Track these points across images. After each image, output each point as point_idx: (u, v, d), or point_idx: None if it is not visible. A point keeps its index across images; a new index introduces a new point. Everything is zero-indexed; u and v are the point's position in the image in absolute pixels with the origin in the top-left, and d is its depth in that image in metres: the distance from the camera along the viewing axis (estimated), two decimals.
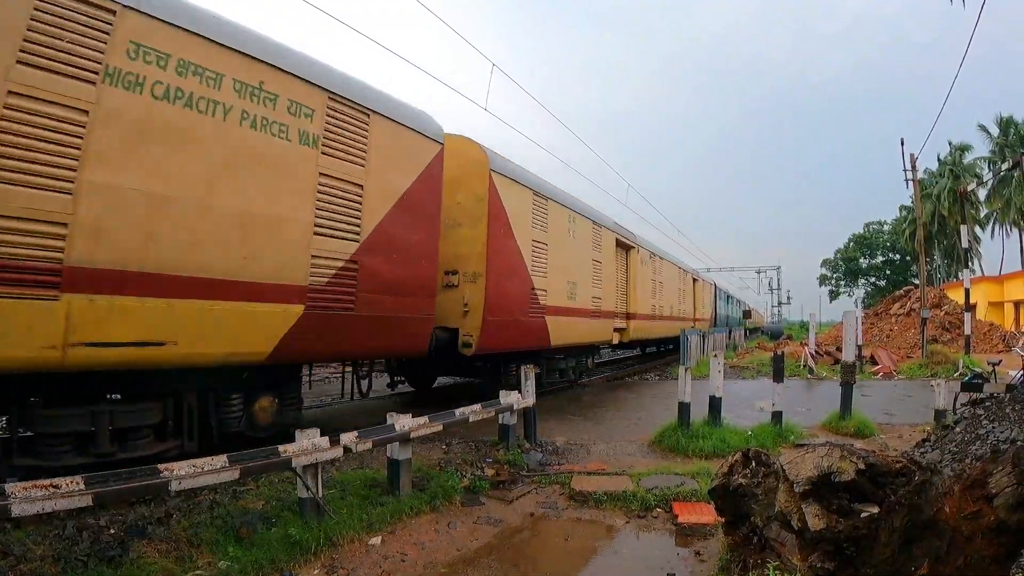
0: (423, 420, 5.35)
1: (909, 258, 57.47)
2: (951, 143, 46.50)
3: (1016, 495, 2.58)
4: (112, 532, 4.03)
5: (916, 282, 35.83)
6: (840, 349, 14.28)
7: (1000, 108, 60.45)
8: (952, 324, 23.26)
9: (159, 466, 3.55)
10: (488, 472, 6.05)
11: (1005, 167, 32.44)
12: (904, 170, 19.86)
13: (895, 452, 4.14)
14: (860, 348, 18.21)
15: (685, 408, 7.59)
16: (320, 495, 4.45)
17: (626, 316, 14.94)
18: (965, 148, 45.79)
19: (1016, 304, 31.89)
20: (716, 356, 8.24)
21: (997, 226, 45.51)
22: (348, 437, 4.62)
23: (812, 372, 16.15)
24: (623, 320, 14.71)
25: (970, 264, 26.29)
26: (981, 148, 44.78)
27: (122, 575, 3.50)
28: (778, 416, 7.82)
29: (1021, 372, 8.93)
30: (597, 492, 5.50)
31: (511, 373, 9.41)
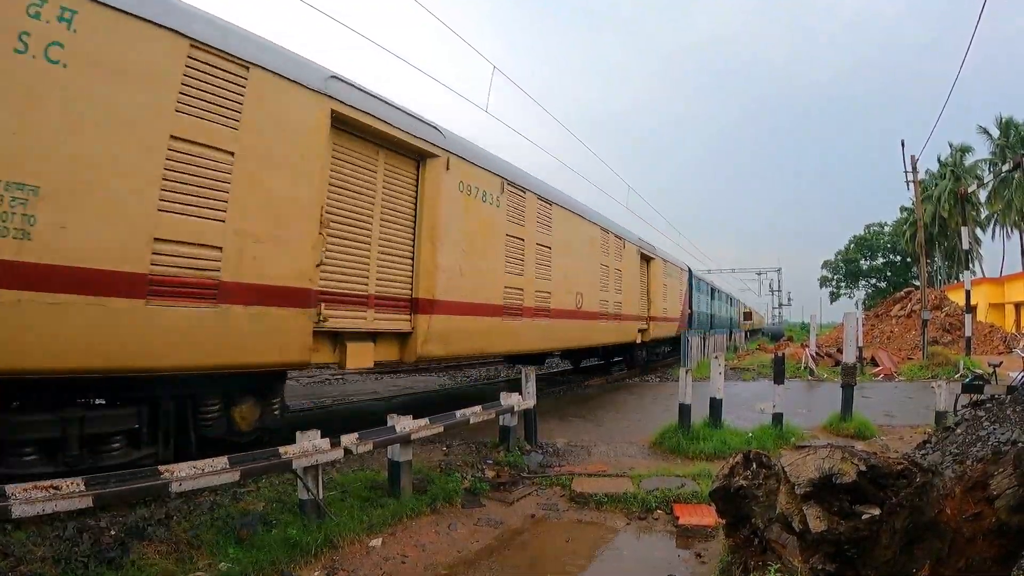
0: (423, 422, 5.34)
1: (910, 260, 57.45)
2: (951, 144, 46.56)
3: (1017, 496, 2.58)
4: (112, 533, 4.02)
5: (917, 284, 35.82)
6: (841, 351, 14.27)
7: (1001, 110, 60.45)
8: (953, 326, 23.25)
9: (160, 467, 3.55)
10: (489, 474, 6.05)
11: (1006, 168, 32.45)
12: (905, 171, 19.90)
13: (896, 454, 4.13)
14: (861, 350, 18.20)
15: (686, 410, 7.59)
16: (320, 497, 4.45)
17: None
18: (966, 149, 45.82)
19: (1017, 306, 31.89)
20: (716, 358, 8.24)
21: (998, 228, 45.52)
22: (349, 439, 4.62)
23: (813, 374, 16.14)
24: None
25: (971, 266, 26.29)
26: (982, 150, 44.85)
27: None
28: (779, 418, 7.82)
29: (1022, 373, 8.91)
30: (598, 494, 5.50)
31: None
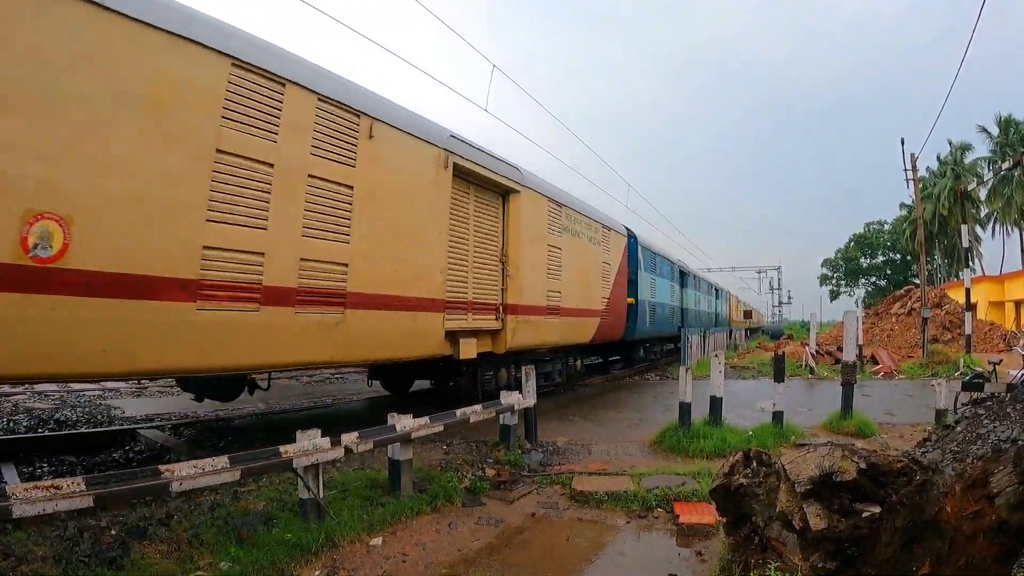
0: (424, 421, 5.35)
1: (910, 258, 57.47)
2: (951, 142, 46.57)
3: (1017, 494, 2.58)
4: (113, 533, 4.03)
5: (917, 282, 35.84)
6: (841, 349, 14.28)
7: (1000, 108, 60.38)
8: (953, 324, 23.26)
9: (160, 467, 3.55)
10: (489, 472, 6.05)
11: (1006, 167, 32.44)
12: (904, 169, 19.88)
13: (896, 452, 4.13)
14: (861, 348, 18.20)
15: (686, 408, 7.59)
16: (321, 496, 4.45)
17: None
18: (965, 147, 45.86)
19: (1017, 303, 31.87)
20: (717, 356, 8.24)
21: (998, 225, 45.57)
22: (349, 438, 4.62)
23: (813, 372, 16.14)
24: None
25: (971, 264, 26.27)
26: (981, 148, 44.87)
27: None
28: (779, 416, 7.82)
29: (1022, 371, 8.92)
30: (598, 492, 5.50)
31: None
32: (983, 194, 44.05)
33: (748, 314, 50.75)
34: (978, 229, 46.02)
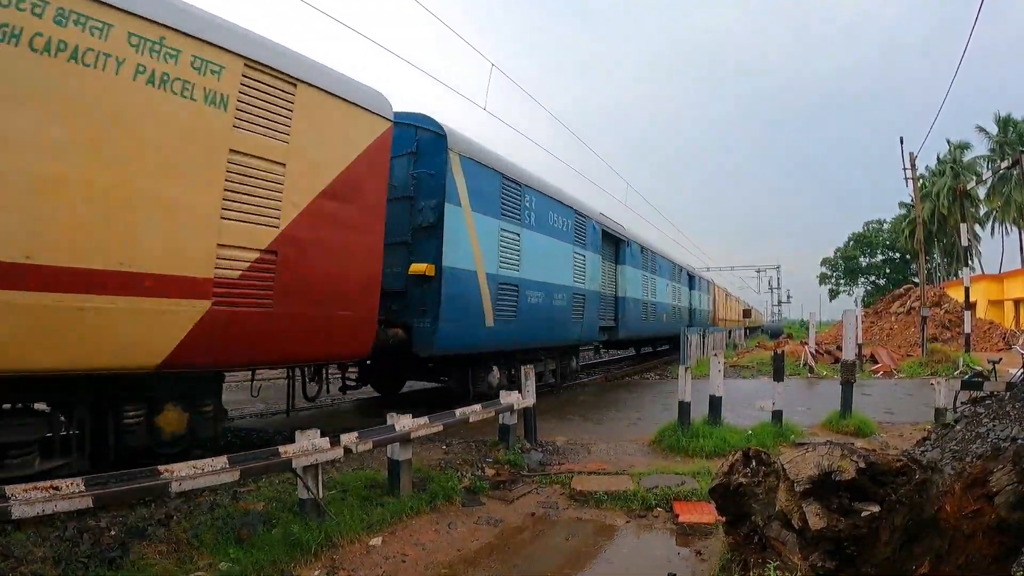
0: (423, 420, 5.34)
1: (909, 256, 57.50)
2: (949, 142, 46.60)
3: (1017, 493, 2.58)
4: (113, 534, 4.03)
5: (916, 280, 35.85)
6: (840, 348, 14.28)
7: (999, 107, 60.41)
8: (952, 322, 23.29)
9: (159, 467, 3.55)
10: (488, 472, 6.05)
11: (1005, 165, 32.44)
12: (904, 168, 19.88)
13: (895, 451, 4.13)
14: (860, 347, 18.20)
15: (685, 407, 7.59)
16: (320, 496, 4.44)
17: None
18: (964, 146, 45.92)
19: (1016, 302, 31.89)
20: (716, 355, 8.25)
21: (997, 224, 45.58)
22: (348, 438, 4.62)
23: (812, 371, 16.15)
24: None
25: (970, 262, 26.30)
26: (980, 148, 44.94)
27: None
28: (778, 415, 7.82)
29: (1021, 370, 8.92)
30: (598, 492, 5.50)
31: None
32: (982, 193, 44.09)
33: (747, 313, 50.73)
34: (977, 228, 46.09)
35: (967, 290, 19.39)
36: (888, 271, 67.14)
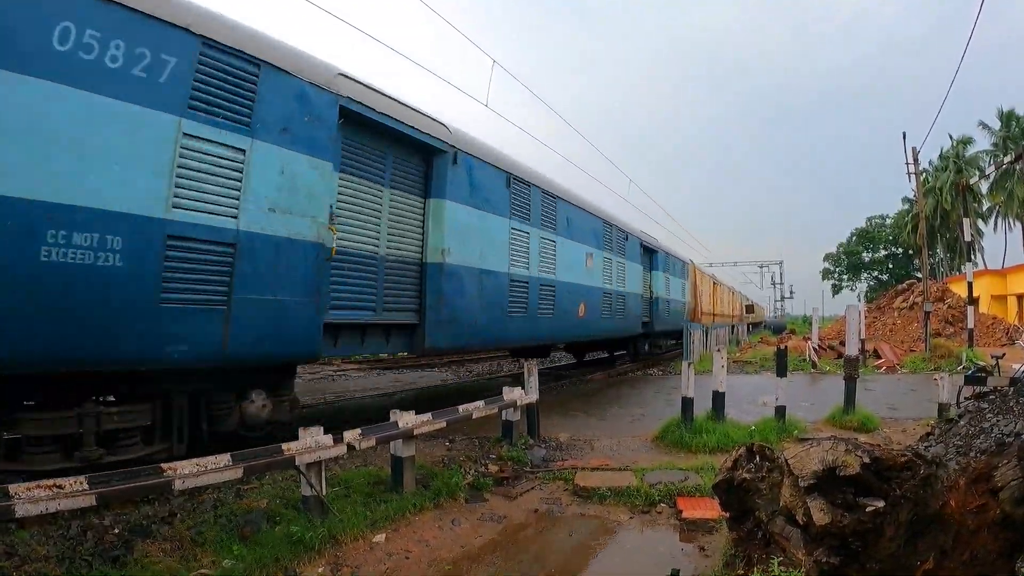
0: (426, 417, 5.35)
1: (912, 252, 57.29)
2: (952, 137, 46.42)
3: (1021, 489, 2.57)
4: (116, 532, 4.04)
5: (918, 276, 35.70)
6: (843, 343, 14.24)
7: (1002, 102, 60.07)
8: (955, 318, 23.20)
9: (162, 465, 3.55)
10: (491, 469, 6.05)
11: (1008, 160, 32.27)
12: (906, 163, 19.79)
13: (899, 446, 4.12)
14: (863, 342, 18.15)
15: (688, 403, 7.58)
16: (323, 493, 4.45)
17: None
18: (967, 141, 45.72)
19: (1019, 297, 31.81)
20: (719, 351, 8.23)
21: (1000, 219, 45.39)
22: (351, 435, 4.62)
23: (815, 367, 16.12)
24: None
25: (972, 257, 26.24)
26: (983, 142, 44.74)
27: (126, 575, 3.51)
28: (781, 411, 7.81)
29: None
30: (601, 488, 5.50)
31: None
32: (985, 188, 43.92)
33: (750, 308, 50.65)
34: (980, 223, 45.89)
35: (970, 285, 19.31)
36: (891, 266, 66.94)
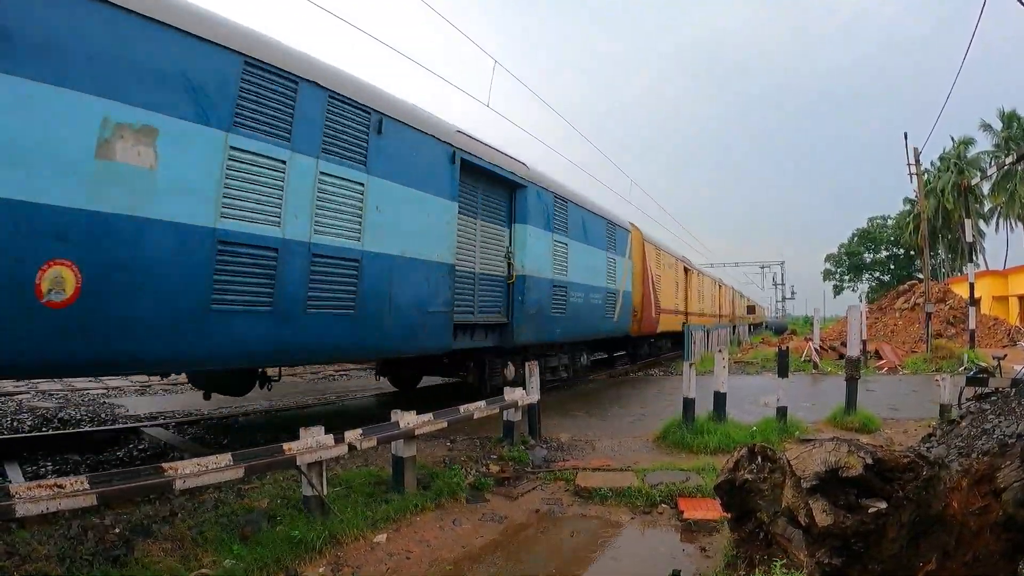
0: (427, 417, 5.34)
1: (913, 253, 57.22)
2: (953, 138, 46.36)
3: None
4: (117, 531, 4.03)
5: (920, 276, 35.63)
6: (844, 344, 14.23)
7: (1003, 103, 60.00)
8: (956, 319, 23.16)
9: (163, 465, 3.55)
10: (492, 469, 6.04)
11: (1010, 161, 32.21)
12: (908, 164, 19.76)
13: (901, 447, 4.11)
14: (864, 343, 18.11)
15: (689, 404, 7.57)
16: (324, 493, 4.44)
17: None
18: (968, 142, 45.64)
19: (1021, 298, 31.72)
20: (720, 352, 8.22)
21: (1001, 220, 45.32)
22: (352, 435, 4.62)
23: (816, 367, 16.11)
24: None
25: (974, 258, 26.17)
26: (984, 143, 44.68)
27: (127, 574, 3.51)
28: (783, 411, 7.80)
29: None
30: (602, 488, 5.49)
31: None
32: (986, 189, 43.86)
33: (752, 309, 50.68)
34: (981, 224, 45.82)
35: (971, 286, 19.29)
36: (892, 267, 66.82)
